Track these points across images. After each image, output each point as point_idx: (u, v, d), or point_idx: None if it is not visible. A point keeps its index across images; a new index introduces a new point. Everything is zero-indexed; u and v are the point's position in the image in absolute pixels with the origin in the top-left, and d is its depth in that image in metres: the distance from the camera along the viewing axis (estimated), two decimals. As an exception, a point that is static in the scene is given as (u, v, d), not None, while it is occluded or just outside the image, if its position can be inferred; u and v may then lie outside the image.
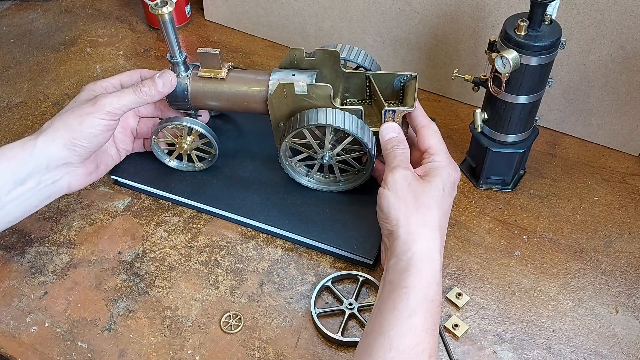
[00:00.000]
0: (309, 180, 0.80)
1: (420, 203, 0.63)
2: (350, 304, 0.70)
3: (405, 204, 0.64)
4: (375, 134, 0.75)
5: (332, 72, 0.79)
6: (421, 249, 0.61)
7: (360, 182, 0.79)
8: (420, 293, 0.58)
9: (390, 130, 0.71)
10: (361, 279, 0.73)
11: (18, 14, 1.18)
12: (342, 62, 0.79)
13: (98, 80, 0.77)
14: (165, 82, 0.74)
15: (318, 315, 0.70)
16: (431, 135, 0.71)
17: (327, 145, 0.75)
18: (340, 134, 0.74)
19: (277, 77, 0.76)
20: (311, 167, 0.80)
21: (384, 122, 0.73)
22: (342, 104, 0.81)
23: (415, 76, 0.77)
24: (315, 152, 0.76)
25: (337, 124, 0.71)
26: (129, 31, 1.13)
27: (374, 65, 0.81)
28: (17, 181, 0.68)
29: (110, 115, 0.70)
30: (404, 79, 0.78)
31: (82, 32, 1.13)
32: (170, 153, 0.84)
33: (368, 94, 0.81)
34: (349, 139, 0.73)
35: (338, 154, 0.76)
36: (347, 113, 0.72)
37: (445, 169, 0.67)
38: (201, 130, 0.78)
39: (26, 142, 0.69)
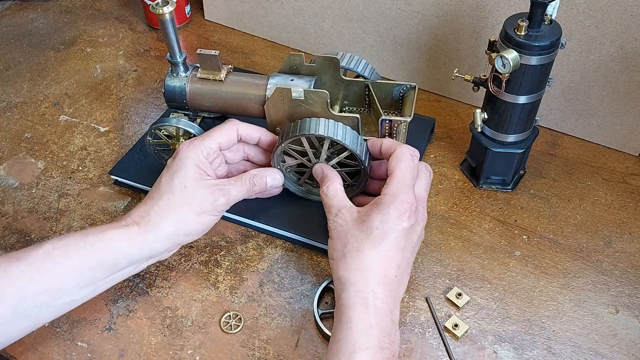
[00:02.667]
0: (297, 187, 0.80)
1: (348, 248, 0.62)
2: (350, 304, 0.70)
3: (335, 250, 0.64)
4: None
5: (332, 79, 0.79)
6: (349, 295, 0.59)
7: (350, 196, 0.78)
8: (350, 346, 0.55)
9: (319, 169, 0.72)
10: None
11: (18, 14, 1.18)
12: (342, 70, 0.79)
13: (195, 143, 0.69)
14: (274, 182, 0.74)
15: (321, 316, 0.70)
16: (392, 160, 0.67)
17: (323, 156, 0.74)
18: (338, 146, 0.74)
19: (275, 82, 0.76)
20: (302, 174, 0.79)
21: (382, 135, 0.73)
22: (340, 111, 0.80)
23: (415, 86, 0.77)
24: (309, 161, 0.76)
25: (337, 137, 0.70)
26: (129, 31, 1.13)
27: (374, 74, 0.81)
28: (116, 268, 0.64)
29: (223, 212, 0.70)
30: (403, 89, 0.78)
31: (82, 32, 1.13)
32: (167, 153, 0.84)
33: (367, 102, 0.81)
34: (345, 153, 0.73)
35: (332, 166, 0.76)
36: (348, 127, 0.71)
37: (386, 206, 0.62)
38: (196, 133, 0.78)
39: (133, 237, 0.64)
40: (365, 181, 0.76)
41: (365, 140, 0.74)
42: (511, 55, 0.68)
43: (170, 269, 0.75)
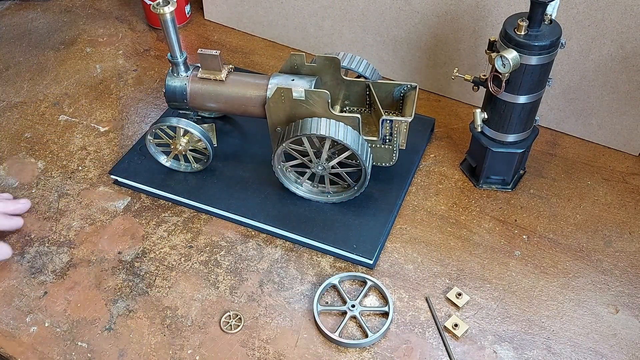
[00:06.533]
0: (297, 187, 0.80)
1: None
2: (353, 306, 0.70)
3: None
4: (372, 142, 0.75)
5: (333, 80, 0.79)
6: None
7: (350, 196, 0.79)
8: None
9: None
10: (369, 282, 0.73)
11: (18, 13, 1.18)
12: (343, 70, 0.79)
13: None
14: None
15: (320, 313, 0.70)
16: None
17: (324, 156, 0.74)
18: (338, 146, 0.74)
19: (276, 82, 0.76)
20: (302, 174, 0.79)
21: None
22: (341, 111, 0.80)
23: (416, 87, 0.77)
24: (310, 161, 0.76)
25: (339, 137, 0.70)
26: (128, 31, 1.13)
27: (375, 75, 0.81)
28: None
29: None
30: (404, 89, 0.78)
31: (81, 32, 1.13)
32: (166, 153, 0.84)
33: (368, 102, 0.81)
34: (346, 153, 0.73)
35: (332, 167, 0.76)
36: (349, 128, 0.72)
37: None
38: (195, 132, 0.78)
39: None
40: (365, 181, 0.76)
41: None
42: (511, 55, 0.68)
43: (170, 269, 0.75)
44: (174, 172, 0.84)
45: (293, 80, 0.76)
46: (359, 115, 0.72)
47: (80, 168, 0.88)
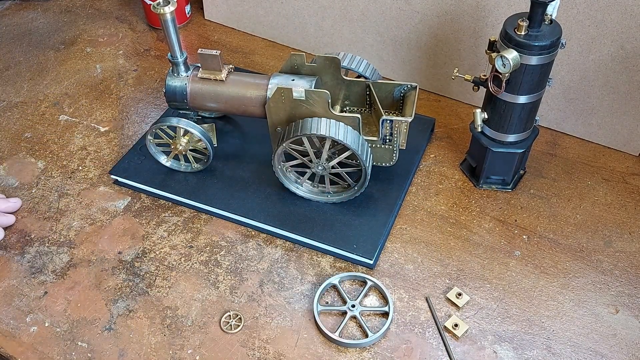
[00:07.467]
0: (297, 187, 0.80)
1: None
2: (353, 306, 0.70)
3: None
4: (372, 142, 0.75)
5: (333, 80, 0.79)
6: None
7: (350, 196, 0.79)
8: None
9: None
10: (369, 283, 0.73)
11: (18, 13, 1.18)
12: (343, 70, 0.79)
13: None
14: None
15: (320, 312, 0.70)
16: None
17: (324, 156, 0.74)
18: (339, 146, 0.74)
19: (276, 82, 0.76)
20: (302, 174, 0.79)
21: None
22: (341, 111, 0.80)
23: (416, 87, 0.77)
24: (311, 161, 0.76)
25: (339, 137, 0.70)
26: (129, 31, 1.13)
27: (375, 75, 0.81)
28: None
29: None
30: (404, 89, 0.78)
31: (82, 32, 1.13)
32: (166, 153, 0.84)
33: (368, 102, 0.81)
34: (346, 153, 0.73)
35: (333, 167, 0.76)
36: (349, 128, 0.72)
37: None
38: (195, 132, 0.78)
39: None
40: (365, 181, 0.76)
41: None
42: (511, 55, 0.68)
43: (170, 269, 0.75)
44: (174, 172, 0.84)
45: (293, 80, 0.76)
46: (359, 115, 0.72)
47: (80, 168, 0.88)
